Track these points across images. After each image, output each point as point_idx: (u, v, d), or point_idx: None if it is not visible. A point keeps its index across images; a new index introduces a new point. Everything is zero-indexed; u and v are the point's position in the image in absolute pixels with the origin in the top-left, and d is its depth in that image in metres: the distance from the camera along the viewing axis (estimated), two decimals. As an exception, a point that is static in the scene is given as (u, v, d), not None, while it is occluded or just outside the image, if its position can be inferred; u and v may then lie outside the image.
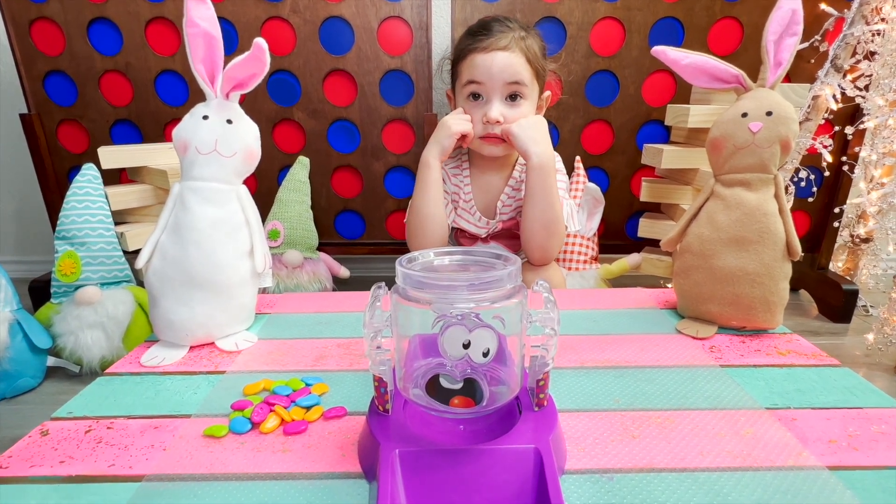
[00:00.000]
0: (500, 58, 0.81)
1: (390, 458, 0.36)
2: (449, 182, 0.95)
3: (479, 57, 0.83)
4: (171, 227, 0.59)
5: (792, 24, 0.59)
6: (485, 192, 0.94)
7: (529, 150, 0.80)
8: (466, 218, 0.95)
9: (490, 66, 0.82)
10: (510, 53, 0.82)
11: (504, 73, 0.82)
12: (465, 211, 0.95)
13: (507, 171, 0.94)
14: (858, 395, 0.49)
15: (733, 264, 0.60)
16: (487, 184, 0.94)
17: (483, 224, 0.95)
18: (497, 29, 0.83)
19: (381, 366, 0.38)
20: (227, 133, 0.59)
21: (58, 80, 1.19)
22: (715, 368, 0.54)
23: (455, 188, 0.95)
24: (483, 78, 0.83)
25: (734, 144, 0.60)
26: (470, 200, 0.94)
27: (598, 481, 0.39)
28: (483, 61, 0.82)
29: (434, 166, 0.86)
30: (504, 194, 0.93)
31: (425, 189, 0.86)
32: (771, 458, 0.41)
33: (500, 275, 0.36)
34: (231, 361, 0.58)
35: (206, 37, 0.57)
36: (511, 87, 0.83)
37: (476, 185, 0.94)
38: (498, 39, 0.82)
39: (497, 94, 0.83)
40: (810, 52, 1.09)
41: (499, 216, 0.94)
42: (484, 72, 0.82)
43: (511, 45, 0.82)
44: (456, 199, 0.95)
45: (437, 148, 0.85)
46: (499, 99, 0.84)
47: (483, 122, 0.84)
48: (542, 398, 0.40)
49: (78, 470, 0.41)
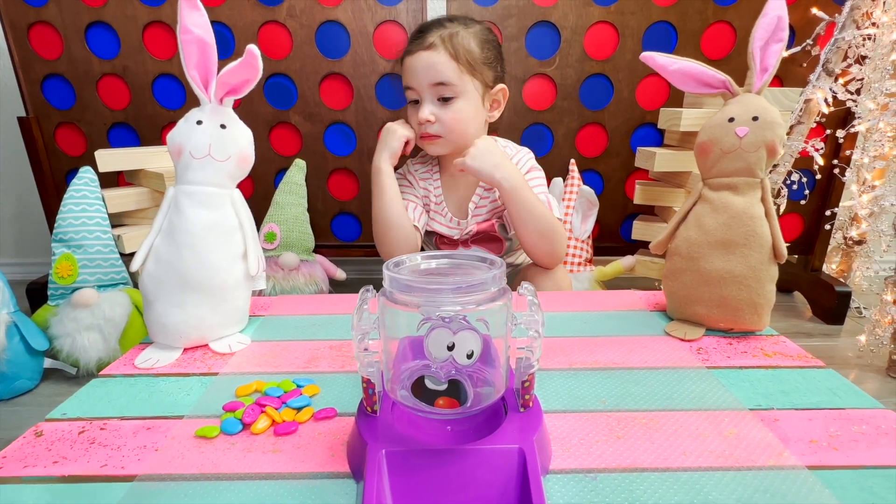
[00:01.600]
0: (422, 59, 0.82)
1: (377, 458, 0.37)
2: (418, 186, 0.95)
3: (408, 60, 0.85)
4: (165, 230, 0.60)
5: (778, 30, 0.60)
6: (454, 192, 0.95)
7: (495, 177, 0.80)
8: (439, 220, 0.96)
9: (416, 68, 0.83)
10: (432, 52, 0.82)
11: (428, 74, 0.82)
12: (437, 213, 0.95)
13: None
14: (841, 396, 0.50)
15: (720, 267, 0.61)
16: (457, 183, 0.94)
17: (455, 225, 0.95)
18: (429, 30, 0.84)
19: (369, 367, 0.39)
20: (221, 138, 0.60)
21: (56, 83, 1.20)
22: (701, 370, 0.55)
23: (425, 191, 0.95)
24: (413, 83, 0.85)
25: (721, 149, 0.61)
26: (441, 203, 0.94)
27: (581, 481, 0.39)
28: (411, 64, 0.84)
29: (386, 171, 0.87)
30: (476, 195, 0.93)
31: (381, 194, 0.87)
32: (752, 457, 0.41)
33: (485, 278, 0.37)
34: (224, 363, 0.58)
35: (200, 43, 0.58)
36: (437, 88, 0.83)
37: (445, 185, 0.95)
38: (424, 39, 0.83)
39: (427, 95, 0.84)
40: (802, 56, 1.10)
41: (471, 217, 0.93)
42: (412, 75, 0.84)
43: (436, 43, 0.82)
44: (427, 201, 0.95)
45: (386, 152, 0.87)
46: (430, 100, 0.85)
47: (419, 123, 0.86)
48: (528, 399, 0.41)
49: (71, 470, 0.41)
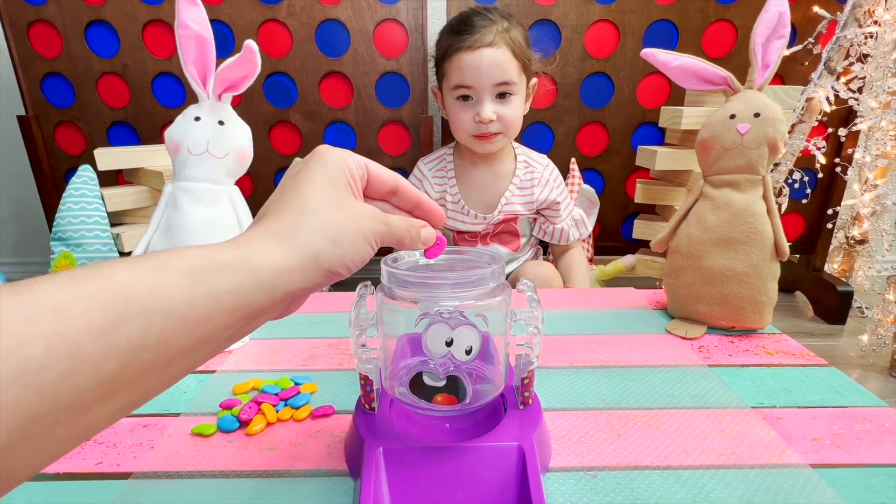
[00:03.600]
0: (487, 57, 0.81)
1: (374, 455, 0.36)
2: (432, 188, 0.95)
3: (465, 57, 0.82)
4: (163, 227, 0.60)
5: (779, 26, 0.59)
6: (476, 186, 0.95)
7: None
8: (457, 218, 0.96)
9: (478, 66, 0.81)
10: (497, 50, 0.81)
11: (493, 74, 0.82)
12: (455, 212, 0.95)
13: (499, 165, 0.94)
14: (844, 395, 0.49)
15: (722, 265, 0.61)
16: (479, 178, 0.94)
17: (478, 220, 0.95)
18: (480, 24, 0.83)
19: (367, 364, 0.38)
20: (219, 134, 0.60)
21: (55, 82, 1.20)
22: (703, 368, 0.55)
23: (440, 192, 0.95)
24: (472, 81, 0.83)
25: (722, 146, 0.60)
26: (458, 201, 0.94)
27: (581, 478, 0.39)
28: (470, 62, 0.82)
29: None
30: (508, 191, 0.94)
31: None
32: (754, 456, 0.41)
33: (484, 273, 0.36)
34: (221, 361, 0.58)
35: (198, 39, 0.58)
36: (500, 87, 0.83)
37: (463, 182, 0.95)
38: (483, 35, 0.81)
39: (487, 93, 0.84)
40: (804, 55, 1.10)
41: (500, 210, 0.94)
42: (472, 74, 0.82)
43: (496, 40, 0.81)
44: (442, 201, 0.95)
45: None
46: (489, 98, 0.84)
47: (476, 121, 0.85)
48: (527, 396, 0.41)
49: (66, 468, 0.41)
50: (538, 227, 1.00)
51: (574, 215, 1.00)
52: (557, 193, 0.96)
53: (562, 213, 0.97)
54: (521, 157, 0.95)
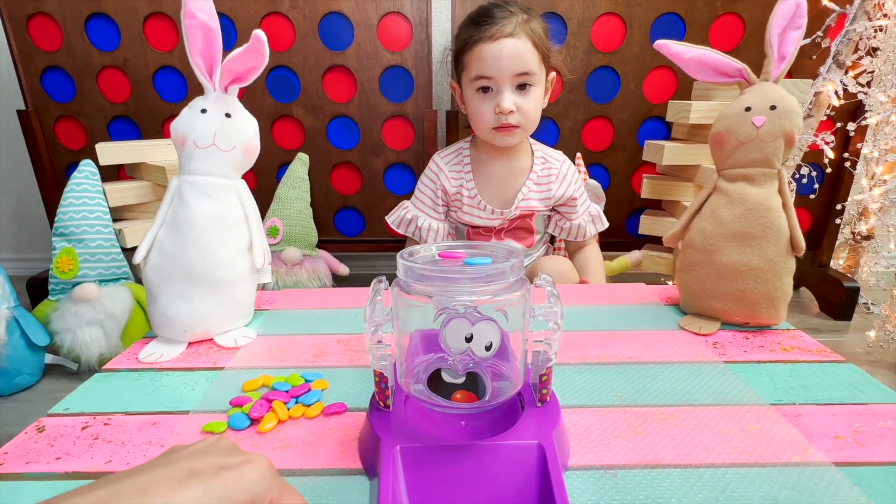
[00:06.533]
0: (508, 47, 0.81)
1: (391, 454, 0.35)
2: (449, 182, 0.94)
3: (486, 48, 0.82)
4: (169, 221, 0.58)
5: (796, 17, 0.58)
6: (493, 181, 0.94)
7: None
8: (472, 213, 0.95)
9: (499, 57, 0.81)
10: (517, 40, 0.81)
11: (513, 64, 0.81)
12: (471, 206, 0.94)
13: (517, 160, 0.93)
14: (863, 391, 0.49)
15: (737, 260, 0.60)
16: (497, 173, 0.94)
17: (496, 215, 0.94)
18: (500, 15, 0.82)
19: (382, 361, 0.38)
20: (226, 127, 0.58)
21: (55, 76, 1.18)
22: (718, 364, 0.54)
23: (457, 187, 0.94)
24: (492, 72, 0.82)
25: (737, 139, 0.59)
26: (475, 196, 0.93)
27: (601, 477, 0.38)
28: (491, 52, 0.81)
29: None
30: (525, 187, 0.93)
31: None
32: (777, 454, 0.40)
33: (503, 267, 0.35)
34: (230, 357, 0.57)
35: (205, 28, 0.57)
36: (521, 77, 0.83)
37: (480, 177, 0.94)
38: (503, 26, 0.81)
39: (507, 84, 0.83)
40: (812, 49, 1.09)
41: (517, 206, 0.93)
42: (493, 65, 0.82)
43: (517, 30, 0.81)
44: (458, 196, 0.94)
45: None
46: (509, 89, 0.83)
47: (496, 112, 0.84)
48: (545, 394, 0.40)
49: (74, 467, 0.40)
50: (554, 224, 1.00)
51: (591, 211, 0.99)
52: (575, 189, 0.95)
53: (578, 209, 0.97)
54: (539, 153, 0.95)
